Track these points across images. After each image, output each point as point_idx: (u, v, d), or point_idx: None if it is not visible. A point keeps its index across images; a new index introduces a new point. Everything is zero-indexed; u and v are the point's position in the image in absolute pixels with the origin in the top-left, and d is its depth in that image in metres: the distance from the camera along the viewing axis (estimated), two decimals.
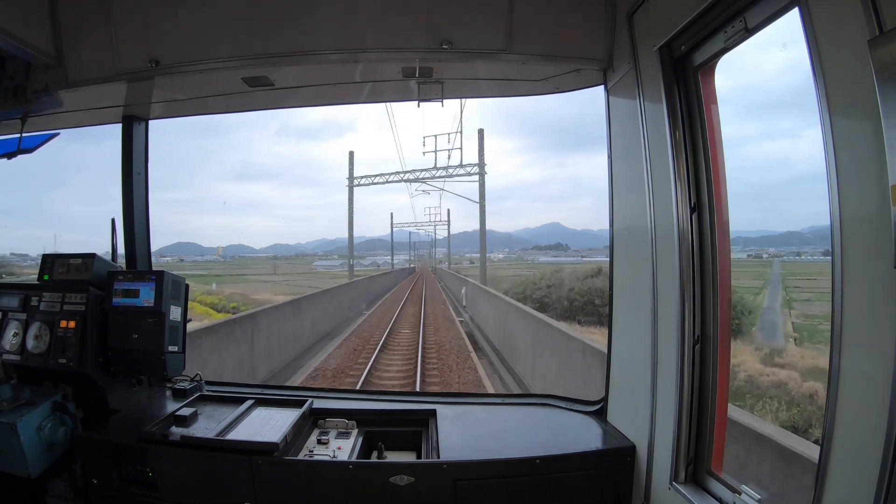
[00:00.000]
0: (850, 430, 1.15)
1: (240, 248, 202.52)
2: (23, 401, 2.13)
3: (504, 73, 2.38)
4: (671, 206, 1.77)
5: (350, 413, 2.41)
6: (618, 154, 2.22)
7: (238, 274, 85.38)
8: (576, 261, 75.75)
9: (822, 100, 1.17)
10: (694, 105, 1.79)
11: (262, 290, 48.48)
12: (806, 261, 48.23)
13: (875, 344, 1.09)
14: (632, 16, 1.98)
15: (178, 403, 2.43)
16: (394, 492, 1.94)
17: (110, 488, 2.09)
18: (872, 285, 1.10)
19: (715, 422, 1.77)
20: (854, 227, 1.14)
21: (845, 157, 1.14)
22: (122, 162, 2.75)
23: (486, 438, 2.22)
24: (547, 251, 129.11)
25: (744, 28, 1.49)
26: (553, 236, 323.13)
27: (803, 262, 48.39)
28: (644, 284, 1.97)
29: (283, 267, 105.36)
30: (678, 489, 1.77)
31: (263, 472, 1.96)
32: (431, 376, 12.35)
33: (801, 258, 51.94)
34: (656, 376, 1.91)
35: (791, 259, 52.61)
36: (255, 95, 2.53)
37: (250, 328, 11.75)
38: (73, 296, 2.34)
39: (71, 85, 2.30)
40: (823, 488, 1.21)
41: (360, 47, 2.14)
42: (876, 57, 1.00)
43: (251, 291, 46.45)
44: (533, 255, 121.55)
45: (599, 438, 2.22)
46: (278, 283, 62.24)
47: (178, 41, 2.20)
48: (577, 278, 31.33)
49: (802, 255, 54.12)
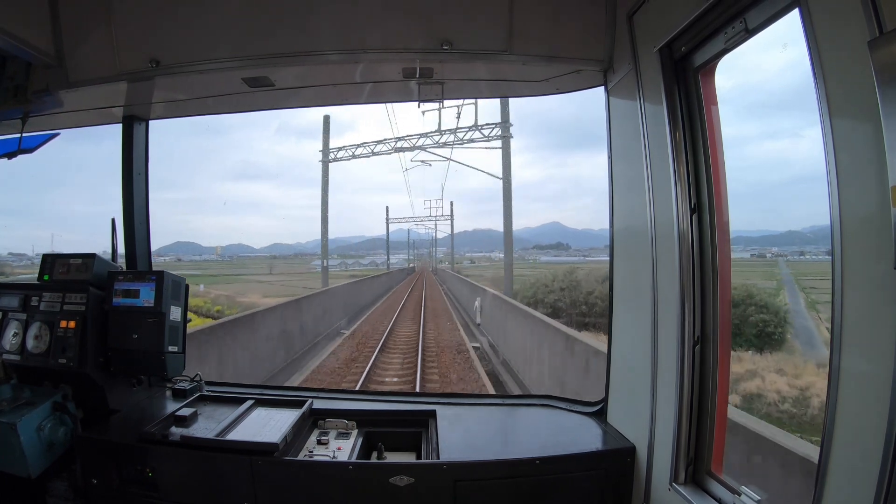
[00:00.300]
0: (850, 430, 1.15)
1: (239, 247, 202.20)
2: (23, 401, 2.13)
3: (504, 73, 2.39)
4: (671, 207, 1.77)
5: (350, 413, 2.41)
6: (618, 155, 2.22)
7: (234, 274, 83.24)
8: (578, 260, 71.78)
9: (822, 100, 1.17)
10: (694, 106, 1.79)
11: (253, 291, 46.81)
12: (811, 260, 47.13)
13: (875, 344, 1.09)
14: (632, 16, 1.98)
15: (178, 403, 2.43)
16: (394, 492, 1.93)
17: (110, 488, 2.09)
18: (872, 286, 1.10)
19: (715, 422, 1.77)
20: (854, 227, 1.14)
21: (845, 158, 1.14)
22: (123, 162, 2.75)
23: (486, 439, 2.22)
24: (548, 250, 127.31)
25: (744, 29, 1.49)
26: (553, 236, 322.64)
27: (808, 261, 47.36)
28: (644, 285, 1.97)
29: (280, 266, 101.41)
30: (678, 490, 1.77)
31: (263, 472, 1.96)
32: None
33: (806, 258, 51.09)
34: (656, 377, 1.91)
35: (796, 259, 51.73)
36: (256, 96, 2.53)
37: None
38: (73, 296, 2.34)
39: (71, 85, 2.30)
40: (823, 488, 1.21)
41: (361, 48, 2.14)
42: (876, 57, 1.00)
43: (239, 293, 44.50)
44: (533, 254, 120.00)
45: (599, 439, 2.22)
46: (273, 283, 60.06)
47: (179, 41, 2.20)
48: (597, 280, 27.57)
49: (806, 254, 53.46)
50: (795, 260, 50.56)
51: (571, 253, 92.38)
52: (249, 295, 41.78)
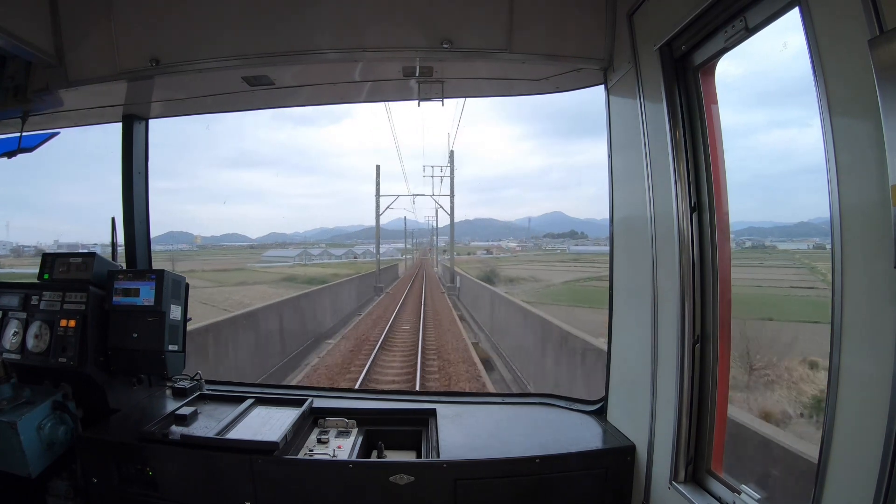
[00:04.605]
0: (850, 429, 1.15)
1: (234, 237, 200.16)
2: (23, 400, 2.13)
3: (504, 72, 2.39)
4: (671, 206, 1.77)
5: (350, 412, 2.41)
6: (618, 153, 2.22)
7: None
8: (600, 250, 58.90)
9: (823, 99, 1.17)
10: (694, 105, 1.79)
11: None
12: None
13: (875, 344, 1.09)
14: (632, 15, 1.98)
15: (178, 403, 2.44)
16: (394, 491, 1.94)
17: (110, 487, 2.10)
18: (873, 285, 1.10)
19: (715, 421, 1.77)
20: (854, 227, 1.14)
21: (845, 157, 1.14)
22: (123, 161, 2.75)
23: (486, 438, 2.22)
24: (562, 239, 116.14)
25: (744, 28, 1.49)
26: (556, 225, 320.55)
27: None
28: (644, 284, 1.97)
29: (224, 259, 77.64)
30: (678, 488, 1.77)
31: (263, 471, 1.96)
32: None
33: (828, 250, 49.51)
34: (656, 376, 1.92)
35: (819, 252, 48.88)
36: (256, 94, 2.53)
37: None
38: (73, 295, 2.34)
39: (71, 84, 2.30)
40: (823, 488, 1.21)
41: (361, 46, 2.14)
42: (876, 57, 1.00)
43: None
44: (548, 243, 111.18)
45: (599, 438, 2.22)
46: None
47: (179, 40, 2.20)
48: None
49: (826, 246, 51.90)
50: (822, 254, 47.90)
51: (594, 242, 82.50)
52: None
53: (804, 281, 18.47)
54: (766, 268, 24.21)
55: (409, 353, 14.89)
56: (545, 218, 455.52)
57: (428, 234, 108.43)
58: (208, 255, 71.73)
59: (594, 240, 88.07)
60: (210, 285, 33.96)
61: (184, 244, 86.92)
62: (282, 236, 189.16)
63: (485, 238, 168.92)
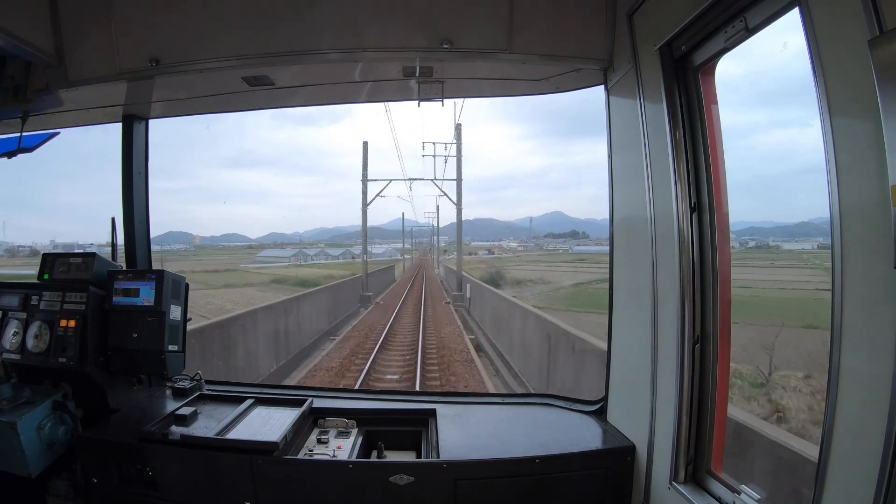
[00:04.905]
0: (849, 429, 1.15)
1: (233, 237, 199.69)
2: (23, 400, 2.13)
3: (504, 72, 2.39)
4: (671, 206, 1.77)
5: (350, 412, 2.41)
6: (618, 153, 2.22)
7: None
8: (603, 251, 56.01)
9: (823, 99, 1.17)
10: (694, 105, 1.79)
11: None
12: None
13: (875, 344, 1.09)
14: (632, 15, 1.98)
15: (178, 403, 2.43)
16: (394, 491, 1.94)
17: (110, 487, 2.10)
18: (872, 285, 1.10)
19: (715, 421, 1.77)
20: (854, 227, 1.14)
21: (845, 158, 1.14)
22: (123, 161, 2.75)
23: (486, 438, 2.22)
24: (563, 239, 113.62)
25: (744, 28, 1.49)
26: (557, 225, 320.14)
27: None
28: (644, 284, 1.97)
29: (219, 259, 73.21)
30: (678, 489, 1.77)
31: (263, 471, 1.96)
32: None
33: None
34: (656, 376, 1.92)
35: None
36: (256, 94, 2.53)
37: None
38: (73, 295, 2.34)
39: (71, 84, 2.30)
40: (823, 488, 1.21)
41: (361, 46, 2.14)
42: (876, 57, 1.00)
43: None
44: (549, 243, 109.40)
45: (599, 438, 2.22)
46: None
47: (179, 40, 2.20)
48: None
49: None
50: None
51: (596, 242, 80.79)
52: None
53: (825, 283, 18.30)
54: (779, 268, 24.01)
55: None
56: (546, 218, 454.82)
57: (428, 233, 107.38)
58: (204, 256, 71.61)
59: (596, 240, 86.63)
60: (195, 287, 33.63)
61: (182, 244, 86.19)
62: (281, 236, 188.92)
63: (485, 238, 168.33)
